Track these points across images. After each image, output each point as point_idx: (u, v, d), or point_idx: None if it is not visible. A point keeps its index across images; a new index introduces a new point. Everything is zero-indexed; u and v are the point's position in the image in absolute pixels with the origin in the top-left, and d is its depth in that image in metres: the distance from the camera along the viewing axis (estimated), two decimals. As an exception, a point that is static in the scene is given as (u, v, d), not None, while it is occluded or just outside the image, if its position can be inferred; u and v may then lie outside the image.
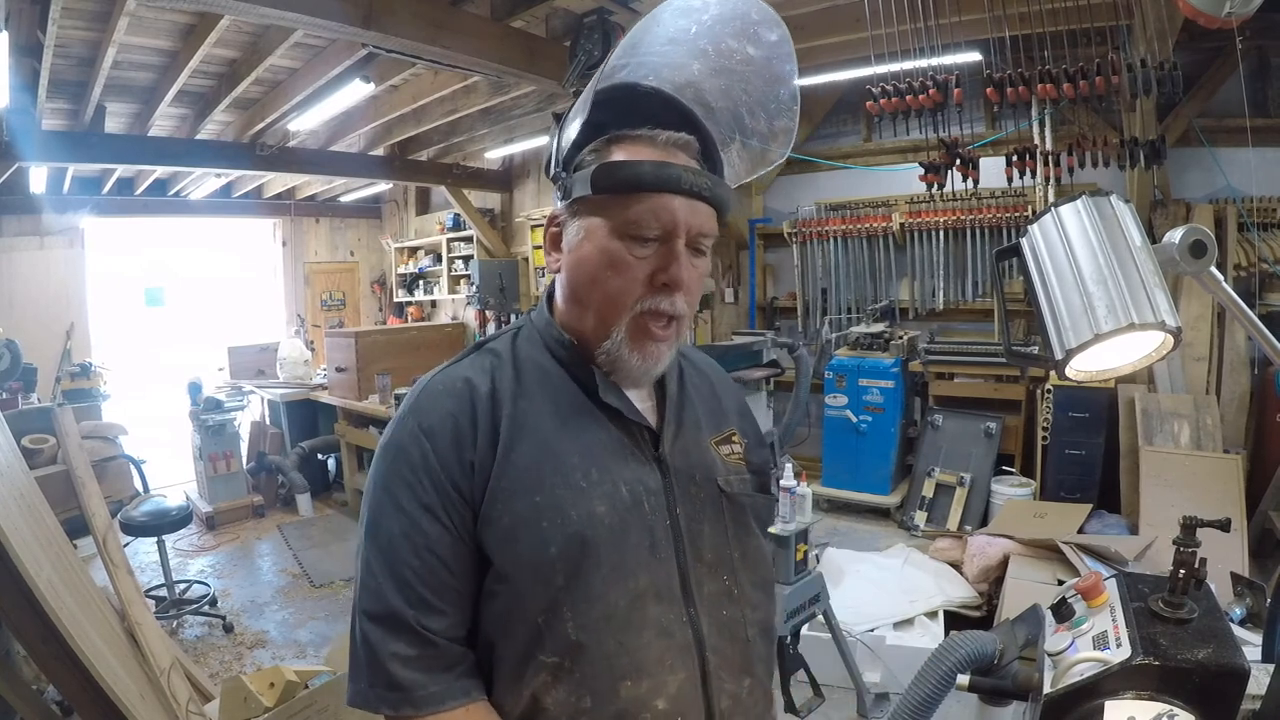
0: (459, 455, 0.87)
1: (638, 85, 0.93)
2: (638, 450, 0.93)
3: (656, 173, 0.85)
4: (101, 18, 4.00)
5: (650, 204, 0.85)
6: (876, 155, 5.96)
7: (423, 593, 0.84)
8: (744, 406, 1.15)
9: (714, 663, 0.89)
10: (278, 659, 3.67)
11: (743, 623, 0.94)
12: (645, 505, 0.90)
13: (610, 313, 0.89)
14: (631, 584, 0.86)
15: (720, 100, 0.99)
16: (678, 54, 0.95)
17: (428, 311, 9.73)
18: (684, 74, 0.96)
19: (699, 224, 0.88)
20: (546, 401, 0.92)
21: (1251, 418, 4.46)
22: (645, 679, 0.85)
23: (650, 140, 0.90)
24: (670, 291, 0.87)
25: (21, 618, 1.99)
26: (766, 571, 1.03)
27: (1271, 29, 4.11)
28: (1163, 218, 4.56)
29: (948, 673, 1.30)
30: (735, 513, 0.98)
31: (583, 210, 0.90)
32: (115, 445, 5.19)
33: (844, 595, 3.39)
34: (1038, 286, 1.19)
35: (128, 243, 9.81)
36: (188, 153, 6.18)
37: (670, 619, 0.87)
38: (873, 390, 5.34)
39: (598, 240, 0.88)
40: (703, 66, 0.97)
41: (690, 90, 0.97)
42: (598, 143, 0.91)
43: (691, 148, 0.91)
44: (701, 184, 0.87)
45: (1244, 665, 0.95)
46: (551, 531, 0.84)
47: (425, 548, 0.84)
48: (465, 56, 4.12)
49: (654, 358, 0.91)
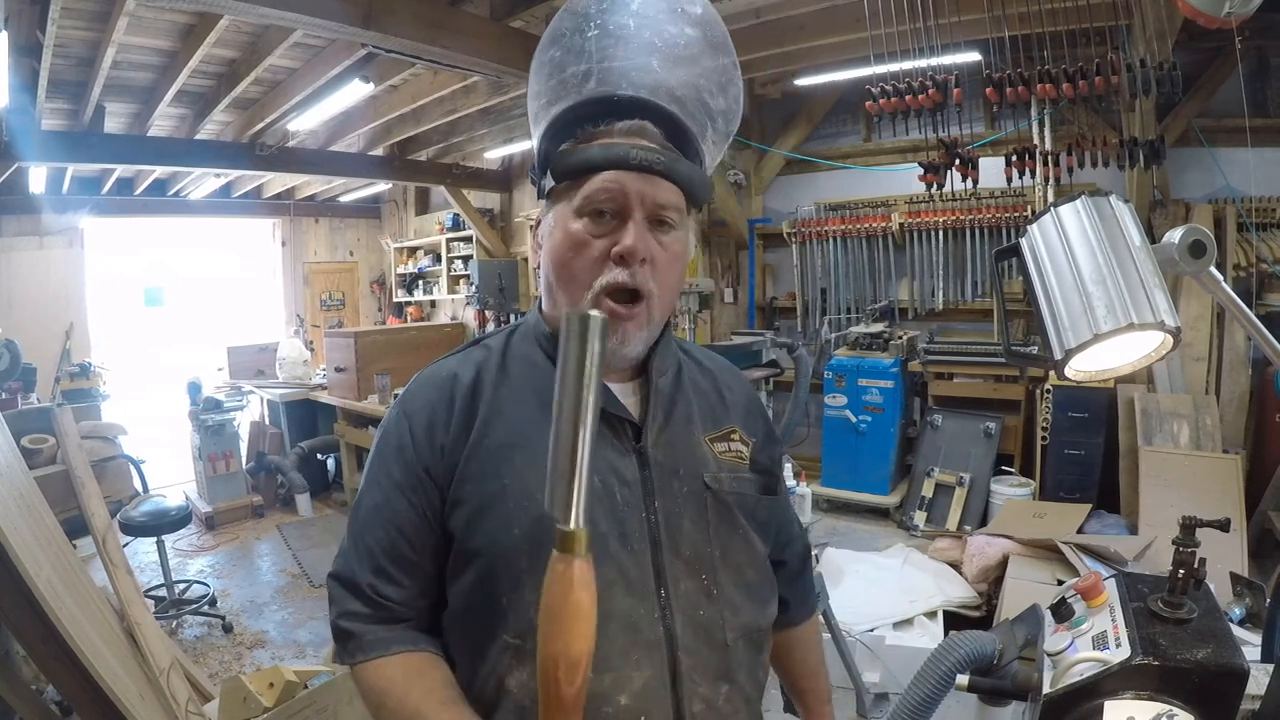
0: (431, 439, 0.92)
1: (614, 95, 0.94)
2: (616, 441, 0.93)
3: (605, 152, 0.88)
4: (101, 18, 4.00)
5: (600, 179, 0.88)
6: (876, 155, 5.96)
7: (383, 563, 0.90)
8: (755, 405, 1.13)
9: (686, 664, 0.88)
10: (277, 659, 3.67)
11: (721, 625, 0.92)
12: (617, 495, 0.90)
13: (573, 290, 0.90)
14: (599, 573, 0.85)
15: (688, 92, 0.99)
16: (632, 53, 0.96)
17: (427, 312, 9.72)
18: (651, 74, 0.97)
19: (656, 196, 0.89)
20: (529, 392, 0.95)
21: (1251, 418, 4.46)
22: (608, 672, 0.83)
23: (608, 132, 0.92)
24: (626, 263, 0.87)
25: (21, 618, 1.99)
26: (756, 575, 0.99)
27: (1271, 29, 4.11)
28: (1162, 218, 4.56)
29: (947, 673, 1.30)
30: (720, 510, 0.96)
31: (552, 202, 0.94)
32: (115, 445, 5.18)
33: (843, 595, 3.39)
34: (1037, 286, 1.19)
35: (127, 243, 9.81)
36: (187, 153, 6.18)
37: (639, 614, 0.87)
38: (872, 390, 5.34)
39: (563, 225, 0.91)
40: (661, 62, 0.97)
41: (663, 90, 0.97)
42: (567, 144, 0.93)
43: (649, 131, 0.92)
44: (652, 158, 0.88)
45: (1243, 665, 0.95)
46: (517, 513, 0.87)
47: (391, 522, 0.91)
48: (465, 56, 4.12)
49: (620, 338, 0.90)
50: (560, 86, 0.95)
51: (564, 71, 0.95)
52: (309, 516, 5.91)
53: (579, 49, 0.94)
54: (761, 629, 1.00)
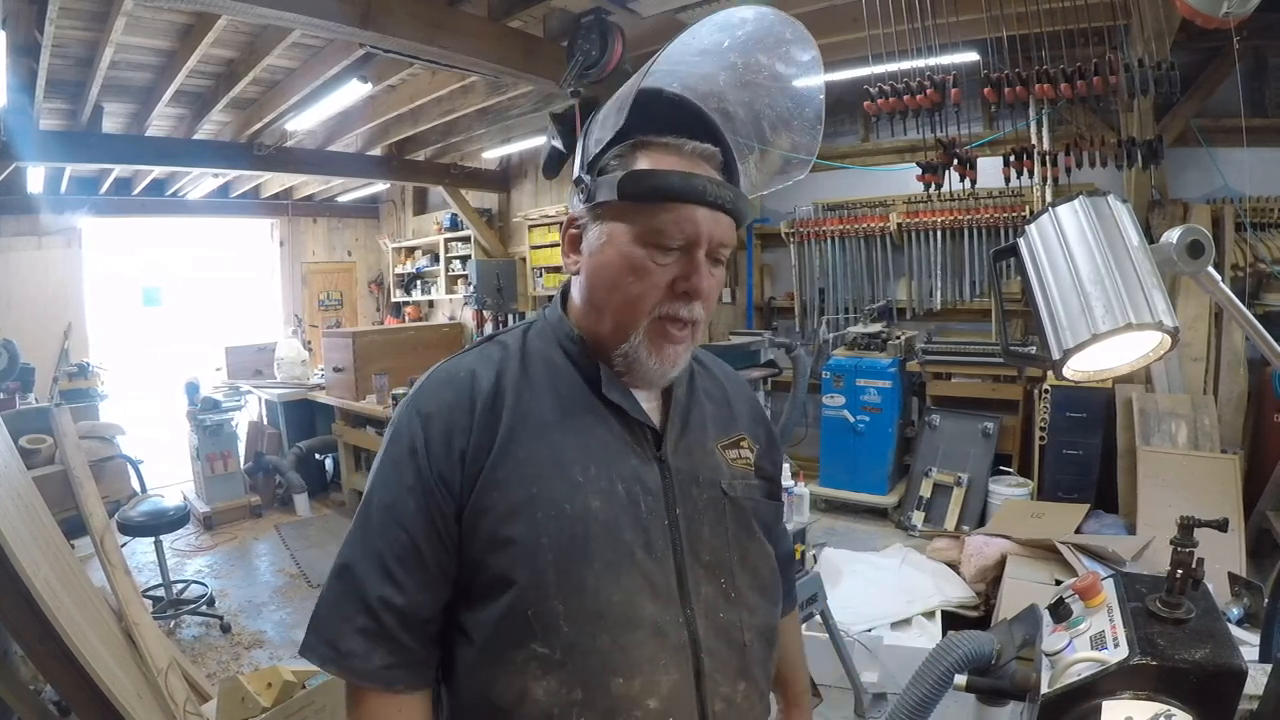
0: (448, 445, 0.89)
1: (662, 91, 0.94)
2: (639, 449, 0.93)
3: (684, 184, 0.86)
4: (99, 17, 4.00)
5: (676, 214, 0.86)
6: (874, 155, 5.96)
7: (390, 565, 0.87)
8: (758, 412, 1.15)
9: (709, 665, 0.89)
10: (275, 659, 3.67)
11: (740, 626, 0.94)
12: (642, 504, 0.90)
13: (629, 316, 0.90)
14: (625, 581, 0.86)
15: (743, 110, 1.00)
16: (706, 64, 0.96)
17: (425, 311, 9.72)
18: (709, 84, 0.97)
19: (720, 235, 0.89)
20: (551, 395, 0.93)
21: (1249, 418, 4.47)
22: (637, 677, 0.85)
23: (677, 149, 0.90)
24: (690, 300, 0.89)
25: (19, 618, 1.99)
26: (768, 577, 1.02)
27: (1269, 29, 4.12)
28: (1160, 218, 4.56)
29: (945, 673, 1.30)
30: (737, 516, 0.98)
31: (606, 215, 0.90)
32: (113, 445, 5.18)
33: (841, 595, 3.39)
34: (1035, 287, 1.19)
35: (125, 242, 9.80)
36: (185, 153, 6.18)
37: (666, 619, 0.88)
38: (870, 390, 5.34)
39: (620, 245, 0.89)
40: (729, 78, 0.98)
41: (714, 100, 0.98)
42: (621, 147, 0.91)
43: (715, 159, 0.92)
44: (725, 196, 0.88)
45: (1241, 665, 0.95)
46: (545, 523, 0.86)
47: (400, 525, 0.88)
48: (463, 56, 4.11)
49: (671, 360, 0.92)
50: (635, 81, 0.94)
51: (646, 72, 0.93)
52: (307, 516, 5.90)
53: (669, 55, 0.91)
54: (773, 626, 1.02)
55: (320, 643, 0.88)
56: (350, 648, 0.87)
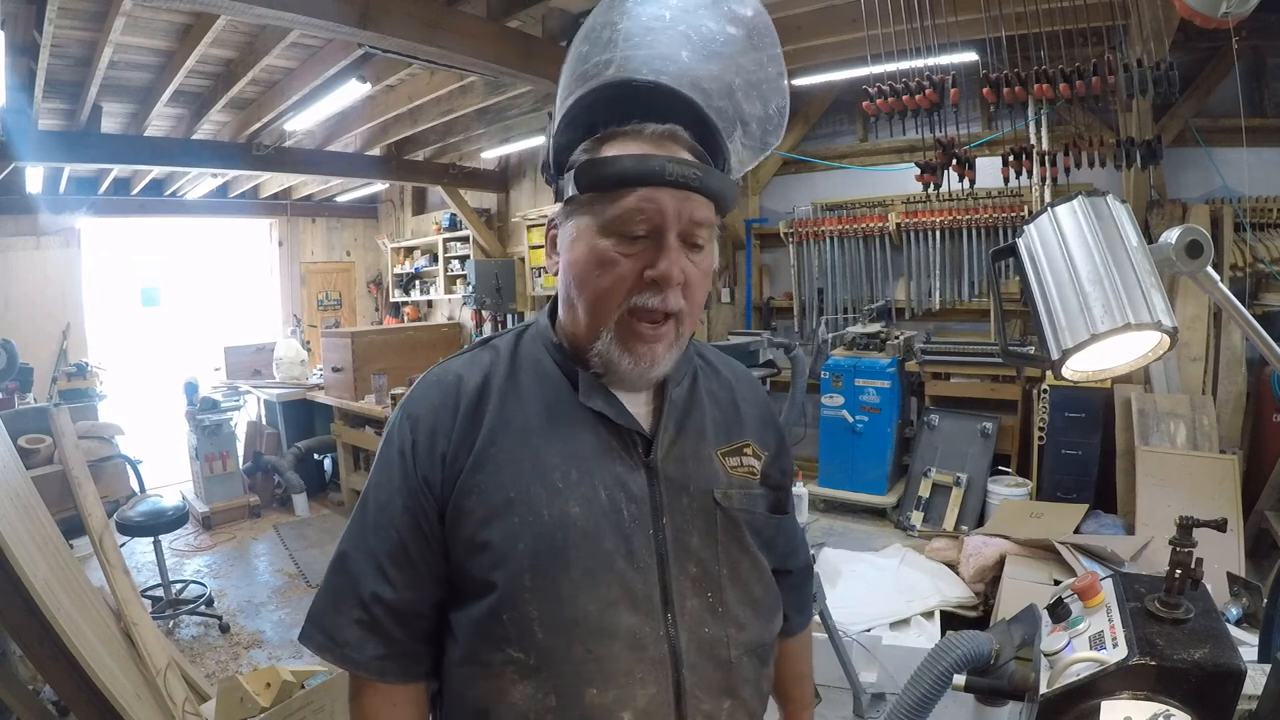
0: (432, 447, 0.90)
1: (632, 80, 0.89)
2: (625, 455, 0.90)
3: (638, 166, 0.82)
4: (98, 18, 4.00)
5: (635, 198, 0.82)
6: (873, 155, 5.96)
7: (382, 562, 0.89)
8: (769, 416, 1.09)
9: (690, 680, 0.87)
10: (274, 659, 3.66)
11: (726, 643, 0.90)
12: (625, 512, 0.87)
13: (598, 312, 0.86)
14: (604, 590, 0.84)
15: (716, 86, 0.95)
16: (661, 43, 0.92)
17: (424, 312, 9.72)
18: (676, 64, 0.93)
19: (689, 214, 0.84)
20: (538, 399, 0.92)
21: (1248, 418, 4.47)
22: (612, 689, 0.83)
23: (638, 134, 0.86)
24: (660, 289, 0.84)
25: (18, 618, 1.98)
26: (763, 591, 0.98)
27: (1268, 29, 4.12)
28: (1159, 218, 4.57)
29: (944, 673, 1.30)
30: (729, 528, 0.94)
31: (575, 211, 0.87)
32: (111, 445, 5.18)
33: (840, 595, 3.39)
34: (1034, 287, 1.19)
35: (124, 243, 9.80)
36: (184, 153, 6.17)
37: (645, 631, 0.85)
38: (869, 390, 5.34)
39: (587, 239, 0.86)
40: (691, 54, 0.94)
41: (687, 79, 0.92)
42: (588, 142, 0.88)
43: (681, 137, 0.87)
44: (689, 174, 0.82)
45: (1240, 665, 0.95)
46: (522, 528, 0.85)
47: (390, 524, 0.90)
48: (461, 56, 4.11)
49: (647, 360, 0.87)
50: (580, 79, 0.90)
51: (586, 63, 0.90)
52: (306, 516, 5.90)
53: (606, 40, 0.89)
54: (766, 644, 0.98)
55: (318, 631, 0.92)
56: (346, 638, 0.89)
